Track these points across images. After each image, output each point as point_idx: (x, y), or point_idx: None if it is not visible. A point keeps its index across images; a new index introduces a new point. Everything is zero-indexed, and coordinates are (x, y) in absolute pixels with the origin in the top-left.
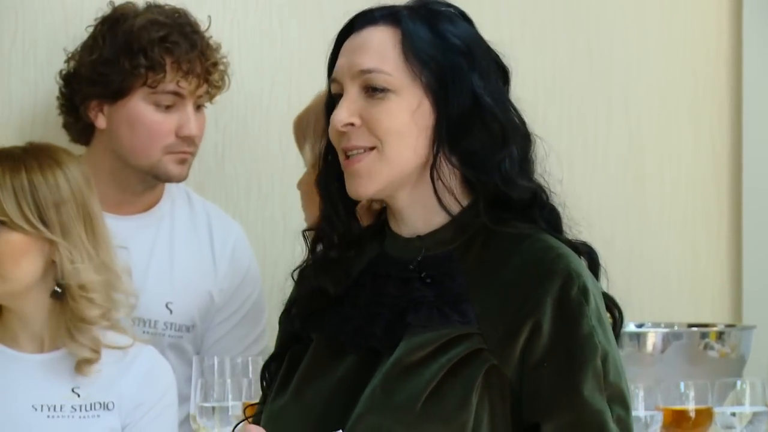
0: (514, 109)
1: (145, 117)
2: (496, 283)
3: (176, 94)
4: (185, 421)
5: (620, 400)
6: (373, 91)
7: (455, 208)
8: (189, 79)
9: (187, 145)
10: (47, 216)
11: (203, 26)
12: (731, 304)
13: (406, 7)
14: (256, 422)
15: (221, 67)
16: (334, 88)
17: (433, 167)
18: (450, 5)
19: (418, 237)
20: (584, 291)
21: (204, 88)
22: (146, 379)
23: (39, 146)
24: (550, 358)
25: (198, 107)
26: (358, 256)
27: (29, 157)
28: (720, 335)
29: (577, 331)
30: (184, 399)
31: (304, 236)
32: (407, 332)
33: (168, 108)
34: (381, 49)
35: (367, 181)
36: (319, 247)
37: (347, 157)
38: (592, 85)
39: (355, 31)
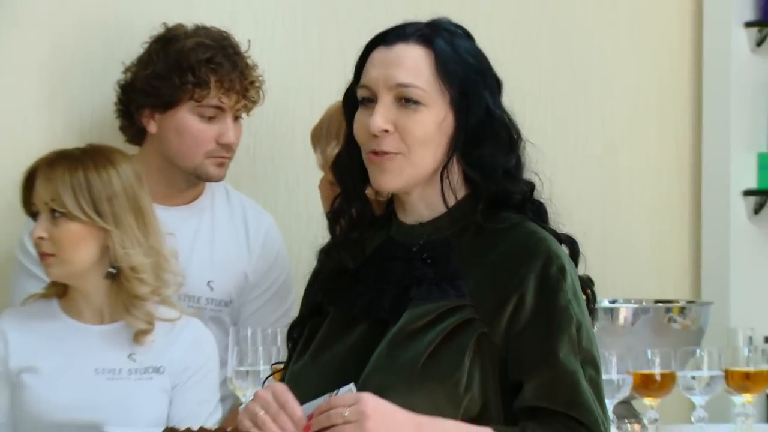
0: (509, 116)
1: (190, 126)
2: (486, 263)
3: (218, 107)
4: (223, 382)
5: (591, 363)
6: (406, 102)
7: (452, 201)
8: (229, 95)
9: (225, 151)
10: (101, 208)
11: (243, 48)
12: (692, 283)
13: (429, 28)
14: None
15: (257, 85)
16: (363, 93)
17: (445, 170)
18: (458, 26)
19: (420, 224)
20: (562, 269)
21: (242, 103)
22: (192, 346)
23: (96, 147)
24: (532, 326)
25: (236, 118)
26: (371, 239)
27: (86, 157)
28: (682, 310)
29: (556, 304)
30: (222, 364)
31: (328, 218)
32: (410, 305)
33: (210, 119)
34: (416, 65)
35: (392, 178)
36: (338, 229)
37: (376, 154)
38: (572, 93)
39: (386, 44)
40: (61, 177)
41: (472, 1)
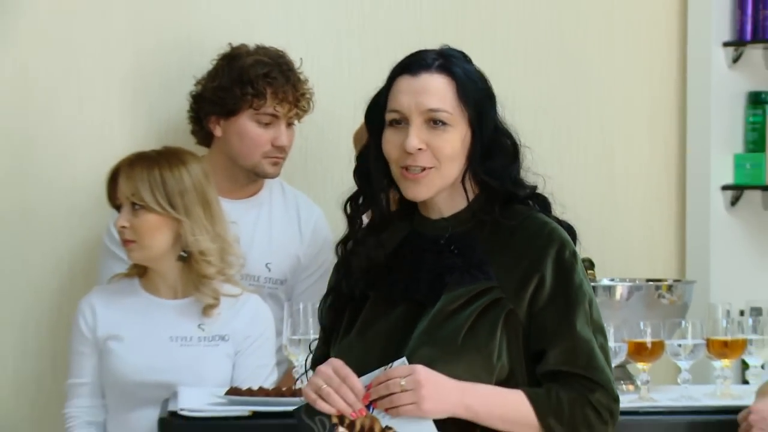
0: (509, 127)
1: (249, 131)
2: (507, 250)
3: (273, 115)
4: (279, 350)
5: (601, 333)
6: (434, 123)
7: (471, 197)
8: (283, 104)
9: (279, 153)
10: (174, 201)
11: (296, 65)
12: (678, 264)
13: (443, 58)
14: (318, 362)
15: (308, 96)
16: (393, 117)
17: (465, 177)
18: (460, 51)
19: (443, 219)
20: (574, 254)
21: (294, 111)
22: (252, 318)
23: (170, 149)
24: (552, 302)
25: (289, 125)
26: (393, 233)
27: (162, 158)
28: (670, 288)
29: (571, 283)
30: (277, 333)
31: (350, 218)
32: (446, 289)
33: (267, 125)
34: (441, 92)
35: (426, 189)
36: (361, 225)
37: (407, 169)
38: (576, 105)
39: (411, 74)
40: (140, 175)
41: (491, 28)
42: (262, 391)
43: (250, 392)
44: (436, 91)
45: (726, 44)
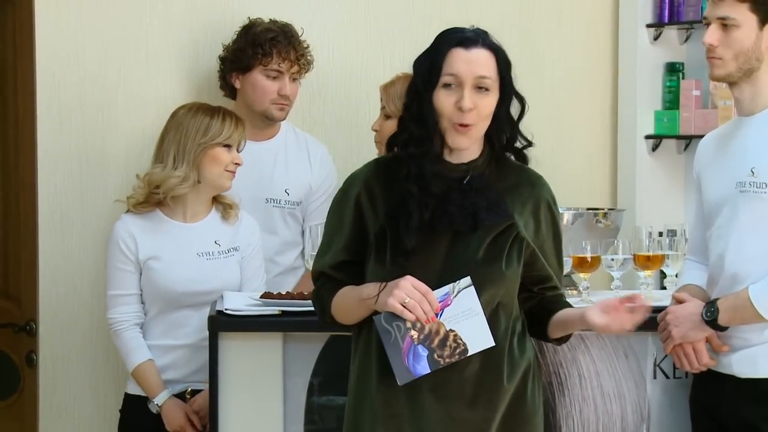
0: (519, 94)
1: (260, 83)
2: (515, 194)
3: (278, 71)
4: (297, 258)
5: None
6: (479, 89)
7: (483, 148)
8: (286, 62)
9: (284, 100)
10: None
11: (300, 32)
12: (611, 196)
13: (481, 36)
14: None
15: (307, 57)
16: (449, 80)
17: (492, 133)
18: (484, 30)
19: (464, 164)
20: (555, 200)
21: (295, 68)
22: (250, 230)
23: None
24: (548, 238)
25: (293, 80)
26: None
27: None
28: (605, 214)
29: (558, 224)
30: (296, 244)
31: (407, 156)
32: (480, 224)
33: (274, 78)
34: (488, 64)
35: (469, 140)
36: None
37: (460, 125)
38: (533, 74)
39: (464, 47)
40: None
41: (465, 13)
42: (288, 295)
43: (279, 296)
44: (485, 62)
45: (649, 25)
